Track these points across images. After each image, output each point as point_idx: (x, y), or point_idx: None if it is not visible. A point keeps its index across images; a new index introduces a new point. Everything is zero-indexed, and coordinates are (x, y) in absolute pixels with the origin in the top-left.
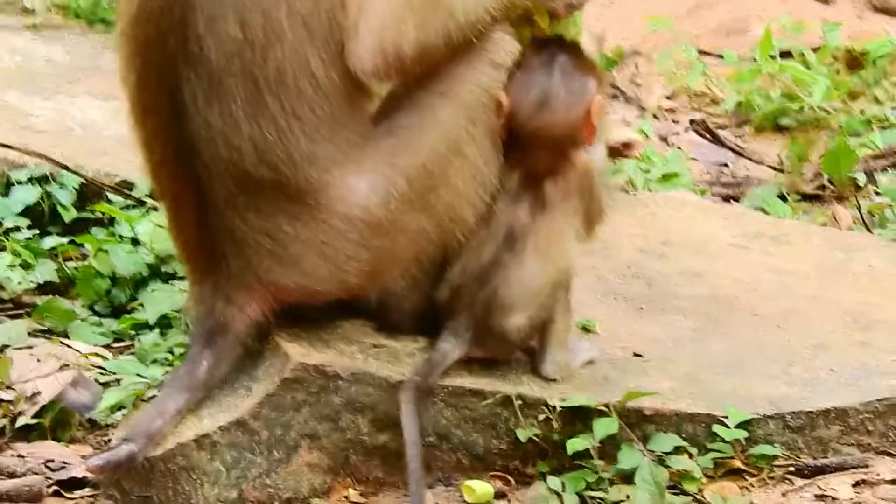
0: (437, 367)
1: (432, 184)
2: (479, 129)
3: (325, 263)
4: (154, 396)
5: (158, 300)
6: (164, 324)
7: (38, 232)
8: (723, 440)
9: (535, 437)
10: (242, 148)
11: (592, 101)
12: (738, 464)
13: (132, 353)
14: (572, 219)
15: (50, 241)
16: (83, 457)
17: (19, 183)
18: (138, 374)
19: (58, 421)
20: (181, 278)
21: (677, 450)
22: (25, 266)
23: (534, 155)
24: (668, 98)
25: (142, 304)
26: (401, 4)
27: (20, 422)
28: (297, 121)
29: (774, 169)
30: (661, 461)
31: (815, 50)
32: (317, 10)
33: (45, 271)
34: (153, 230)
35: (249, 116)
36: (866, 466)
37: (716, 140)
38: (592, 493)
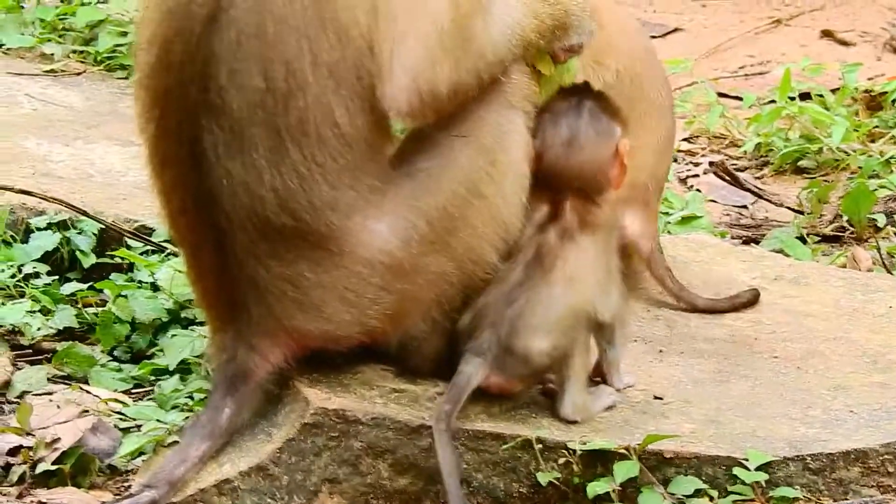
0: (463, 390)
1: (452, 226)
2: (499, 169)
3: (348, 308)
4: (174, 442)
5: (178, 346)
6: (184, 369)
7: (57, 278)
8: (743, 483)
9: (555, 481)
10: (264, 197)
11: (620, 143)
12: None
13: (152, 399)
14: (597, 253)
15: (69, 287)
16: (104, 503)
17: (38, 229)
18: (158, 420)
19: (78, 467)
20: (201, 324)
21: (698, 493)
22: (45, 312)
23: (561, 195)
24: (687, 140)
25: (161, 350)
26: (434, 45)
27: (40, 468)
28: (318, 168)
29: (794, 211)
30: None
31: (834, 91)
32: (343, 58)
33: (65, 317)
34: (172, 275)
35: (271, 165)
36: None
37: (735, 182)
38: None
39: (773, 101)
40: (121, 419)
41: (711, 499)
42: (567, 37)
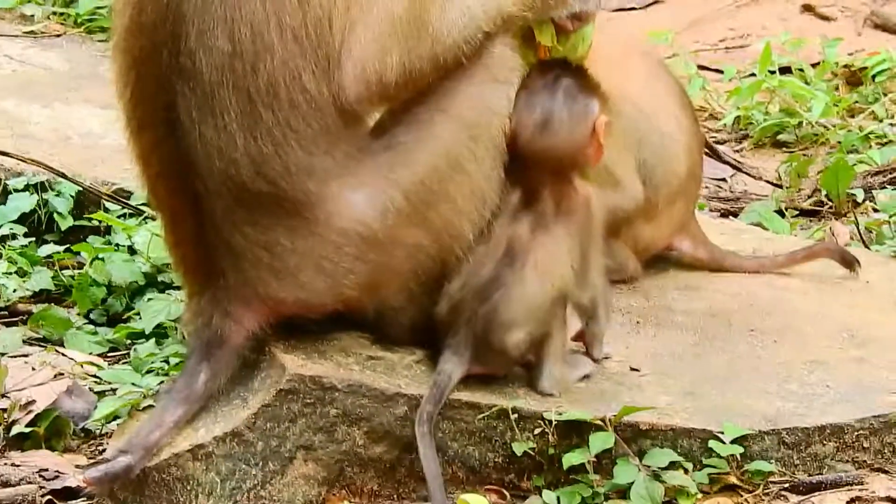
0: (444, 389)
1: (431, 199)
2: (481, 145)
3: (323, 277)
4: (149, 406)
5: (154, 310)
6: (160, 333)
7: (34, 240)
8: (718, 455)
9: (530, 451)
10: (239, 161)
11: (597, 121)
12: (733, 479)
13: (127, 363)
14: (572, 240)
15: (46, 249)
16: (77, 466)
17: (16, 190)
18: (133, 384)
19: (52, 430)
20: (177, 288)
21: (673, 465)
22: (21, 274)
23: (536, 176)
24: None
25: (138, 314)
26: (384, 34)
27: (14, 430)
28: (292, 133)
29: (773, 184)
30: (656, 476)
31: (814, 66)
32: (304, 24)
33: (41, 279)
34: (150, 239)
35: (244, 129)
36: (861, 483)
37: (714, 155)
38: None
39: (753, 75)
40: (96, 382)
41: (686, 471)
42: (565, 6)
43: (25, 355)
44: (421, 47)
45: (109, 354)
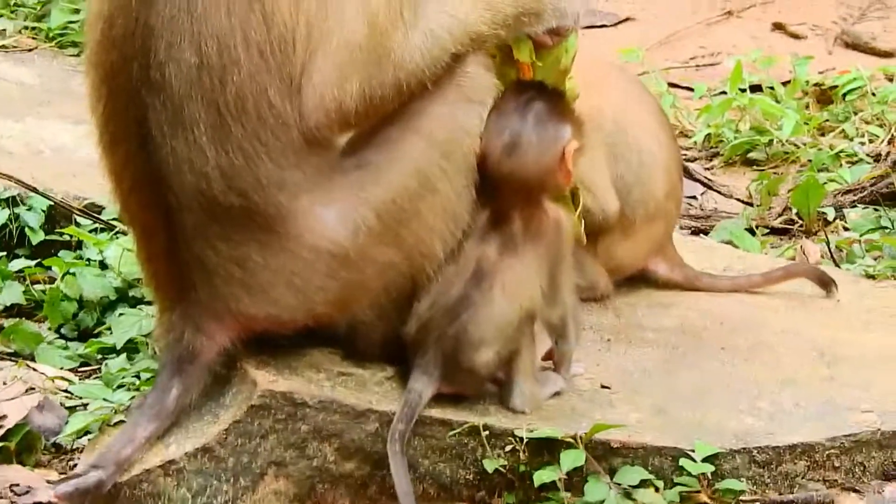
0: (415, 408)
1: (402, 218)
2: (453, 164)
3: (294, 293)
4: (121, 421)
5: (125, 324)
6: (131, 348)
7: (5, 254)
8: (689, 474)
9: (501, 468)
10: (210, 174)
11: (566, 147)
12: (704, 498)
13: (99, 378)
14: (540, 262)
15: (17, 264)
16: (49, 481)
17: None
18: (105, 399)
19: (23, 444)
20: (149, 303)
21: (644, 483)
22: None
23: (504, 197)
24: None
25: (109, 329)
26: (344, 62)
27: None
28: (262, 146)
29: (743, 202)
30: (627, 494)
31: (785, 84)
32: (269, 40)
33: (12, 294)
34: (121, 254)
35: (214, 142)
36: (832, 502)
37: (685, 173)
38: None
39: (723, 93)
40: (67, 397)
41: (657, 489)
42: (541, 21)
43: None
44: (382, 74)
45: (80, 369)
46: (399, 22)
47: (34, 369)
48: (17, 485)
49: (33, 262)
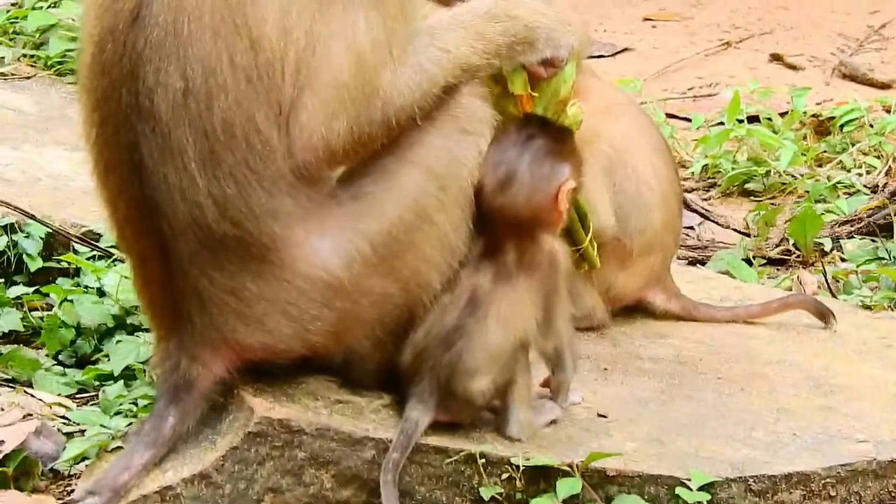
0: (411, 436)
1: (398, 249)
2: (449, 195)
3: (289, 323)
4: (118, 448)
5: (123, 352)
6: (129, 375)
7: (3, 281)
8: (685, 502)
9: (497, 496)
10: (203, 203)
11: (561, 187)
12: None
13: (96, 404)
14: (534, 293)
15: (15, 291)
16: None
17: None
18: (102, 425)
19: (21, 470)
20: (146, 330)
21: None
22: None
23: (498, 229)
24: None
25: (107, 356)
26: (331, 101)
27: None
28: (252, 174)
29: (740, 233)
30: None
31: (782, 115)
32: (256, 66)
33: (10, 320)
34: (119, 281)
35: (205, 170)
36: None
37: (683, 203)
38: None
39: (721, 123)
40: (65, 423)
41: None
42: (534, 51)
43: None
44: (371, 111)
45: (78, 396)
46: (387, 58)
47: (32, 395)
48: None
49: (31, 289)
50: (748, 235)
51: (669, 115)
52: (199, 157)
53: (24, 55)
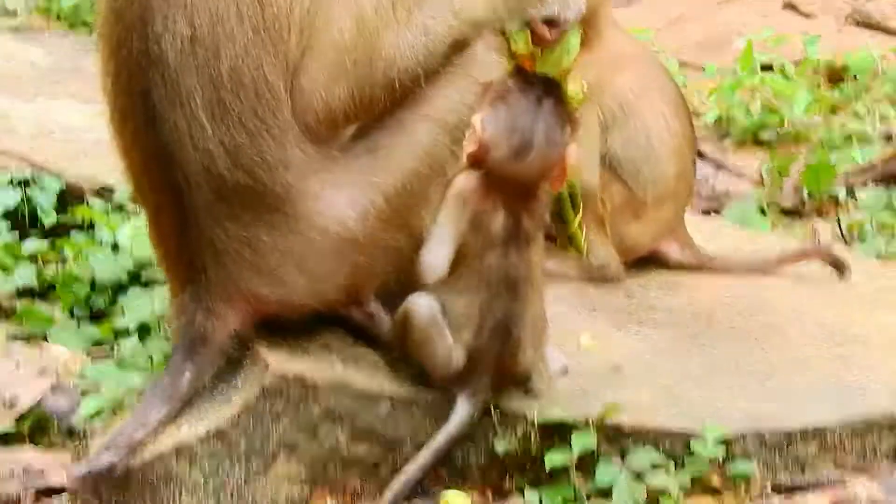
0: (460, 432)
1: (412, 203)
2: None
3: (303, 275)
4: (134, 403)
5: (138, 306)
6: (144, 330)
7: (17, 235)
8: (700, 457)
9: (512, 451)
10: (213, 152)
11: (567, 149)
12: (715, 481)
13: (112, 360)
14: (541, 242)
15: (30, 245)
16: (62, 464)
17: None
18: (118, 381)
19: (36, 427)
20: (162, 284)
21: (655, 466)
22: (5, 269)
23: (506, 190)
24: None
25: (122, 310)
26: (332, 63)
27: None
28: (262, 123)
29: (754, 183)
30: (638, 477)
31: (795, 63)
32: (263, 19)
33: (25, 275)
34: (134, 235)
35: (213, 118)
36: (843, 485)
37: (696, 153)
38: None
39: (734, 73)
40: (80, 379)
41: (668, 472)
42: (543, 4)
43: (9, 352)
44: (373, 75)
45: (93, 351)
46: (390, 20)
47: (47, 351)
48: (31, 467)
49: (46, 244)
50: (762, 185)
51: (683, 65)
52: (207, 104)
53: (37, 7)
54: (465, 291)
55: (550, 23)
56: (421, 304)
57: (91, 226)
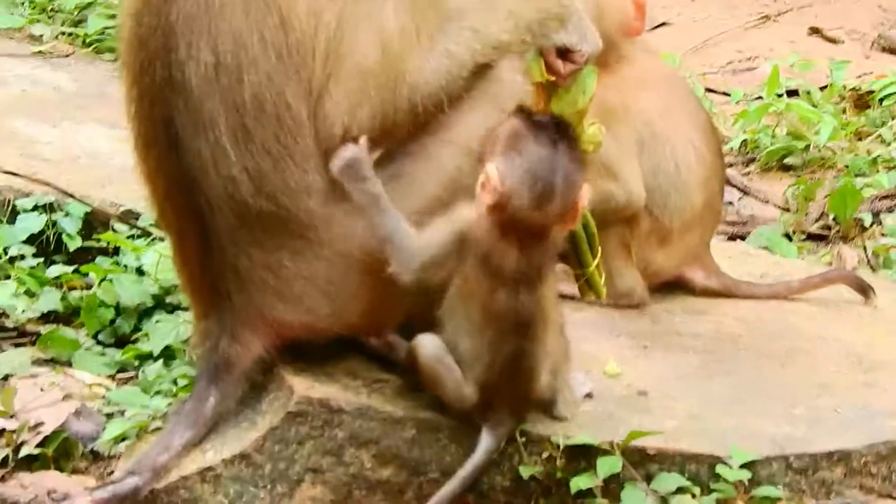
0: (483, 464)
1: None
2: None
3: (327, 301)
4: (158, 428)
5: (163, 331)
6: (168, 355)
7: (42, 260)
8: (726, 481)
9: (538, 475)
10: (237, 178)
11: (582, 190)
12: None
13: (136, 384)
14: (554, 278)
15: (55, 270)
16: (86, 488)
17: (25, 211)
18: (142, 405)
19: (61, 451)
20: (185, 309)
21: (680, 490)
22: (30, 294)
23: (520, 233)
24: None
25: (146, 335)
26: (356, 89)
27: (23, 451)
28: (284, 149)
29: (780, 208)
30: (664, 501)
31: (822, 89)
32: (286, 44)
33: (50, 300)
34: (158, 260)
35: (237, 144)
36: None
37: (724, 181)
38: None
39: (760, 98)
40: (104, 404)
41: (694, 496)
42: (564, 31)
43: (34, 376)
44: (397, 100)
45: (118, 376)
46: (415, 45)
47: (71, 376)
48: (55, 491)
49: (71, 269)
50: (788, 211)
51: (708, 90)
52: (230, 130)
53: (63, 32)
54: (475, 329)
55: (565, 55)
56: (426, 345)
57: (116, 251)
